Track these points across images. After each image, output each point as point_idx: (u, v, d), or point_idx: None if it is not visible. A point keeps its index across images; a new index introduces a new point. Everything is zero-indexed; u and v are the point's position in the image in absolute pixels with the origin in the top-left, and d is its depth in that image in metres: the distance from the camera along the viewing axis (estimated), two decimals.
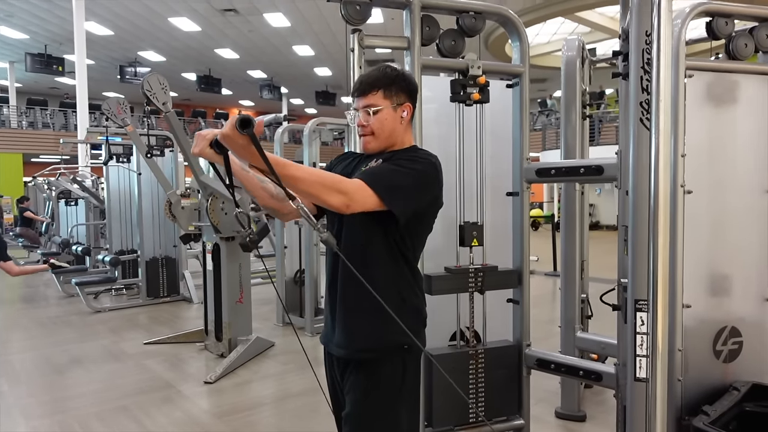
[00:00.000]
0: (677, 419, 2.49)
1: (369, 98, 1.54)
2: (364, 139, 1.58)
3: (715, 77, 2.53)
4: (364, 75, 1.58)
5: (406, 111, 1.58)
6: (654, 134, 1.53)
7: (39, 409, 3.59)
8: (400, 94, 1.56)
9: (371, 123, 1.54)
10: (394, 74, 1.56)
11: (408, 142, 1.63)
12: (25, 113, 19.78)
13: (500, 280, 2.66)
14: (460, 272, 2.56)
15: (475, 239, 2.57)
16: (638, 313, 1.81)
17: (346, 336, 1.54)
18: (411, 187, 1.44)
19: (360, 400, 1.51)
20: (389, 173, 1.45)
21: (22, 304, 7.24)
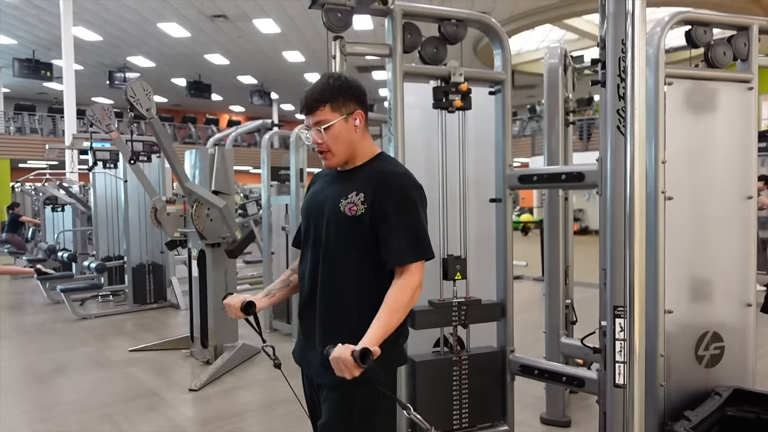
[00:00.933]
0: (660, 425, 2.51)
1: (317, 115, 1.51)
2: (322, 157, 1.56)
3: (694, 85, 2.56)
4: (309, 90, 1.53)
5: (358, 119, 1.54)
6: (629, 141, 1.54)
7: (20, 419, 3.54)
8: (348, 103, 1.53)
9: (326, 140, 1.52)
10: (338, 84, 1.52)
11: (370, 150, 1.60)
12: (13, 118, 19.62)
13: (483, 313, 2.67)
14: (443, 306, 2.56)
15: (459, 273, 2.58)
16: (617, 320, 1.82)
17: (322, 367, 1.50)
18: (425, 228, 1.54)
19: (335, 409, 1.50)
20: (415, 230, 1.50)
21: (6, 311, 7.15)
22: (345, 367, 1.31)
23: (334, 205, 1.51)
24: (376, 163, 1.58)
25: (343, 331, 1.50)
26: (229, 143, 6.51)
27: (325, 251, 1.53)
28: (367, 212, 1.48)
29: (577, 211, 17.90)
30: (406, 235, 1.49)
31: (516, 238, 2.89)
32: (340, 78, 1.54)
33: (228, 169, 4.71)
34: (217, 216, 4.35)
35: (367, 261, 1.51)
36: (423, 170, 2.71)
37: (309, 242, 1.59)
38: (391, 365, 1.55)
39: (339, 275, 1.52)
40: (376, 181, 1.52)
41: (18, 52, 15.79)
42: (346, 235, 1.50)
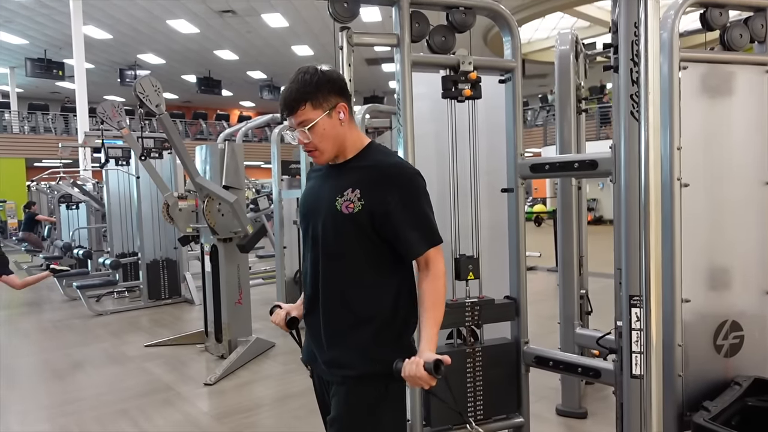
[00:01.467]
0: (678, 415, 2.47)
1: (299, 115, 1.45)
2: (312, 155, 1.53)
3: (710, 68, 2.49)
4: (286, 90, 1.47)
5: (341, 112, 1.49)
6: (644, 127, 1.50)
7: (39, 414, 3.58)
8: (329, 97, 1.46)
9: (312, 139, 1.47)
10: (315, 80, 1.45)
11: (360, 141, 1.55)
12: (27, 118, 19.86)
13: (497, 313, 2.64)
14: (456, 306, 2.54)
15: (471, 273, 2.55)
16: (632, 309, 1.79)
17: (331, 365, 1.52)
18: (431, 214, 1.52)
19: (344, 404, 1.49)
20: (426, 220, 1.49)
21: (25, 308, 7.25)
22: (422, 382, 1.35)
23: (330, 204, 1.48)
24: (368, 154, 1.54)
25: (347, 329, 1.50)
26: (239, 138, 6.52)
27: (324, 250, 1.50)
28: (364, 208, 1.44)
29: (591, 200, 17.74)
30: (417, 225, 1.47)
31: (529, 229, 2.86)
32: (317, 72, 1.47)
33: (238, 164, 4.71)
34: (228, 211, 4.35)
35: (367, 257, 1.48)
36: (433, 161, 2.69)
37: (309, 241, 1.57)
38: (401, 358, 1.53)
39: (339, 273, 1.50)
40: (372, 175, 1.48)
41: (30, 52, 15.93)
42: (344, 232, 1.47)
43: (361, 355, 1.49)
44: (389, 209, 1.44)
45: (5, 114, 19.46)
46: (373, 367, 1.48)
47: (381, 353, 1.48)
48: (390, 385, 1.49)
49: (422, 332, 1.44)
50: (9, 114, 19.49)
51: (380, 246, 1.48)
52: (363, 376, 1.48)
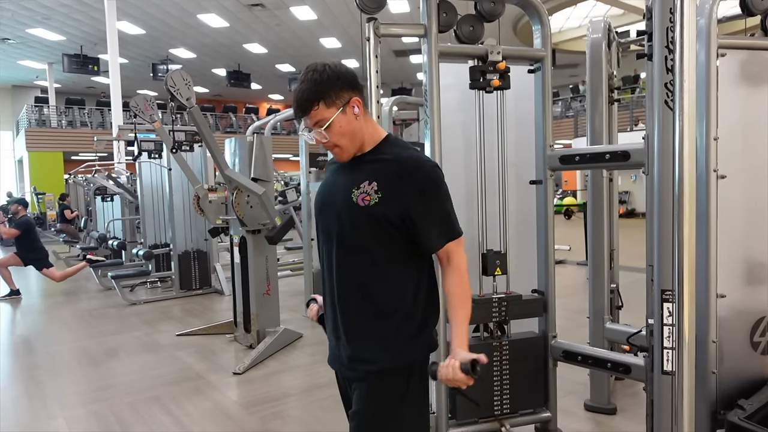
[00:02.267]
0: (712, 413, 2.40)
1: (313, 115, 1.43)
2: (332, 152, 1.52)
3: (750, 55, 2.40)
4: (297, 92, 1.44)
5: (356, 106, 1.46)
6: (678, 116, 1.45)
7: (75, 398, 3.70)
8: (341, 93, 1.43)
9: (330, 138, 1.45)
10: (324, 77, 1.42)
11: (377, 134, 1.53)
12: (65, 113, 20.42)
13: (524, 309, 2.62)
14: (483, 302, 2.52)
15: (498, 268, 2.53)
16: (665, 304, 1.75)
17: (353, 361, 1.52)
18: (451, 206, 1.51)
19: (365, 398, 1.49)
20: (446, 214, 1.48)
21: (63, 297, 7.49)
22: (460, 383, 1.37)
23: (346, 196, 1.46)
24: (385, 147, 1.52)
25: (367, 323, 1.49)
26: (268, 131, 6.57)
27: (339, 244, 1.49)
28: (381, 201, 1.42)
29: (623, 193, 17.36)
30: (436, 218, 1.46)
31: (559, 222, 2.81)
32: (325, 69, 1.43)
33: (267, 156, 4.76)
34: (257, 203, 4.40)
35: (384, 250, 1.47)
36: (461, 153, 2.66)
37: (324, 235, 1.56)
38: (422, 351, 1.52)
39: (357, 266, 1.48)
40: (389, 168, 1.46)
41: (67, 48, 16.36)
42: (361, 225, 1.45)
43: (382, 349, 1.48)
44: (407, 202, 1.42)
45: (44, 109, 20.06)
46: (394, 362, 1.47)
47: (402, 347, 1.47)
48: (412, 379, 1.49)
49: (453, 331, 1.43)
50: (48, 109, 20.08)
51: (397, 238, 1.46)
52: (384, 371, 1.47)
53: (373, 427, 1.49)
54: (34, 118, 19.80)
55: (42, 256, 7.36)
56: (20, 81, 22.03)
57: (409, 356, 1.48)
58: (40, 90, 22.04)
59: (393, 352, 1.47)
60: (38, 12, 13.85)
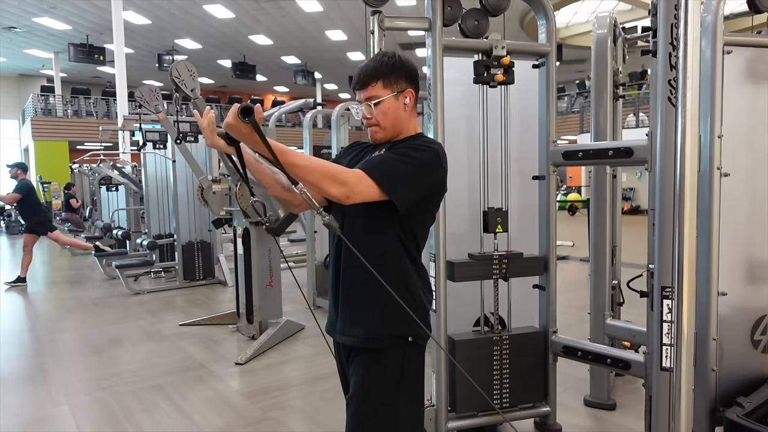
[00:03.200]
0: (711, 410, 2.42)
1: (369, 90, 1.53)
2: (370, 130, 1.58)
3: (756, 53, 2.40)
4: (362, 67, 1.55)
5: (408, 97, 1.55)
6: (681, 113, 1.45)
7: (79, 386, 3.74)
8: (400, 81, 1.53)
9: (375, 115, 1.53)
10: (391, 62, 1.53)
11: (414, 129, 1.60)
12: (70, 102, 20.46)
13: (525, 267, 2.61)
14: (483, 259, 2.52)
15: (500, 225, 2.52)
16: (664, 301, 1.75)
17: (350, 325, 1.55)
18: (412, 176, 1.43)
19: (360, 384, 1.52)
20: (390, 162, 1.43)
21: (68, 286, 7.54)
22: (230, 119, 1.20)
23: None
24: (412, 138, 1.58)
25: (363, 289, 1.51)
26: (273, 123, 6.58)
27: (349, 221, 1.52)
28: None
29: (628, 189, 17.32)
30: (389, 164, 1.42)
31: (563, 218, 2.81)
32: (395, 56, 1.55)
33: None
34: (261, 194, 4.41)
35: (391, 231, 1.49)
36: (464, 147, 2.67)
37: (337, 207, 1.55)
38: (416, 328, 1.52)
39: (360, 240, 1.47)
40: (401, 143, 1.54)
41: (73, 38, 16.37)
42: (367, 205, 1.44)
43: (377, 317, 1.51)
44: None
45: (50, 98, 20.10)
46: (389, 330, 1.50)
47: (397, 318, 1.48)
48: (406, 362, 1.52)
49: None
50: (53, 98, 20.12)
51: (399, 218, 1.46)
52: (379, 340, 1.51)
53: (368, 413, 1.51)
54: (39, 107, 19.86)
55: (46, 219, 7.45)
56: (26, 70, 22.07)
57: (401, 328, 1.50)
58: (46, 79, 22.08)
59: (388, 321, 1.50)
60: (45, 1, 13.85)
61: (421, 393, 1.61)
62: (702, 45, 2.25)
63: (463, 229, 2.67)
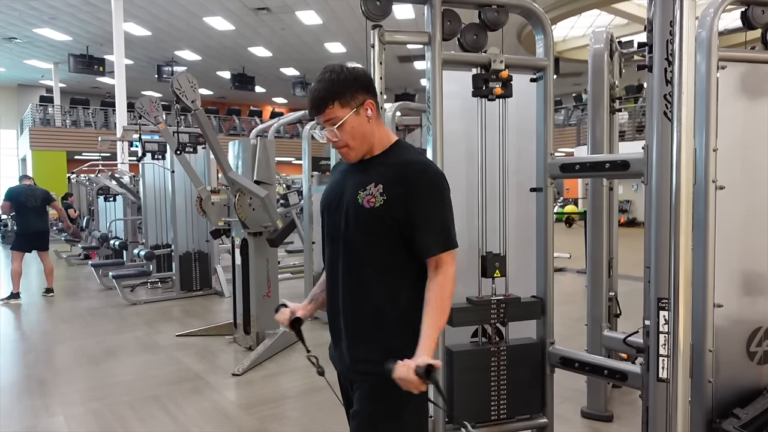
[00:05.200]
0: (707, 422, 2.42)
1: (327, 113, 1.47)
2: (341, 152, 1.54)
3: (750, 68, 2.43)
4: (313, 91, 1.49)
5: (369, 109, 1.50)
6: (676, 127, 1.48)
7: (75, 397, 3.72)
8: (356, 95, 1.48)
9: (341, 137, 1.49)
10: (341, 78, 1.47)
11: (386, 138, 1.57)
12: (69, 112, 20.50)
13: (523, 311, 2.62)
14: (482, 304, 2.53)
15: (498, 270, 2.55)
16: (661, 312, 1.77)
17: (357, 362, 1.54)
18: (451, 216, 1.52)
19: (366, 398, 1.51)
20: (446, 220, 1.50)
21: (64, 296, 7.51)
22: (413, 386, 1.35)
23: (353, 198, 1.49)
24: (394, 151, 1.55)
25: (368, 323, 1.51)
26: (272, 134, 6.61)
27: (344, 245, 1.51)
28: (386, 203, 1.45)
29: (625, 202, 17.38)
30: (435, 226, 1.47)
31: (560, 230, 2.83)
32: (343, 70, 1.48)
33: (270, 159, 4.79)
34: (259, 205, 4.43)
35: (387, 252, 1.49)
36: (462, 159, 2.69)
37: (329, 235, 1.58)
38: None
39: (359, 269, 1.50)
40: (396, 171, 1.48)
41: (73, 48, 16.44)
42: (365, 227, 1.47)
43: (383, 350, 1.49)
44: (409, 205, 1.45)
45: (49, 108, 20.14)
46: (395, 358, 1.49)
47: (402, 348, 1.48)
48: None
49: (422, 335, 1.43)
50: (52, 108, 20.16)
51: (399, 242, 1.48)
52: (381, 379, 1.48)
53: (373, 427, 1.50)
54: (38, 117, 19.89)
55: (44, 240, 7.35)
56: (26, 80, 22.14)
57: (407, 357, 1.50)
58: (45, 89, 22.14)
59: (393, 353, 1.48)
60: (45, 12, 13.94)
61: (426, 405, 1.59)
62: (697, 60, 2.28)
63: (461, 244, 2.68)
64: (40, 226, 7.25)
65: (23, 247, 7.12)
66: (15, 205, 7.03)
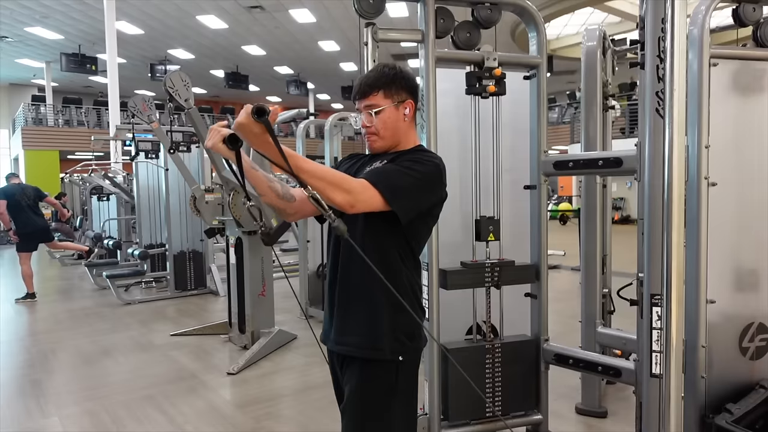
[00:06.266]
0: (700, 417, 2.44)
1: (370, 99, 1.55)
2: (369, 139, 1.59)
3: (741, 66, 2.45)
4: (364, 76, 1.58)
5: (408, 108, 1.58)
6: (668, 124, 1.49)
7: (70, 397, 3.71)
8: (401, 92, 1.56)
9: (374, 123, 1.55)
10: (392, 73, 1.56)
11: (413, 141, 1.62)
12: (61, 111, 20.37)
13: (517, 274, 2.63)
14: (476, 267, 2.54)
15: (492, 234, 2.55)
16: (654, 308, 1.78)
17: (345, 334, 1.55)
18: (415, 188, 1.45)
19: (355, 393, 1.52)
20: (394, 174, 1.44)
21: (57, 296, 7.48)
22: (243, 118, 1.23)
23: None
24: (413, 152, 1.59)
25: (360, 303, 1.52)
26: None
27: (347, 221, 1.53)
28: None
29: (618, 199, 17.46)
30: (393, 175, 1.44)
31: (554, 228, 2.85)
32: (395, 68, 1.58)
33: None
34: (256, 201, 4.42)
35: (389, 243, 1.50)
36: (456, 157, 2.70)
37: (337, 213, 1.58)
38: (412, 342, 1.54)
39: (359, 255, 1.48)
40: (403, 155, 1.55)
41: (65, 47, 16.33)
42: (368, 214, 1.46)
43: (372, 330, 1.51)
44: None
45: (41, 107, 20.00)
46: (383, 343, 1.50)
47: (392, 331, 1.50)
48: (400, 371, 1.52)
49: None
50: (44, 107, 20.03)
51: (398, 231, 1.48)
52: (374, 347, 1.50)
53: (363, 422, 1.51)
54: (30, 117, 19.74)
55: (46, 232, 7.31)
56: (17, 79, 21.97)
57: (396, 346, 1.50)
58: (37, 89, 21.98)
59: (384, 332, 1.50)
60: (37, 11, 13.83)
61: (415, 401, 1.61)
62: (689, 57, 2.30)
63: (456, 239, 2.69)
64: (40, 222, 7.21)
65: (29, 246, 7.08)
66: (10, 206, 6.89)
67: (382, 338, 1.50)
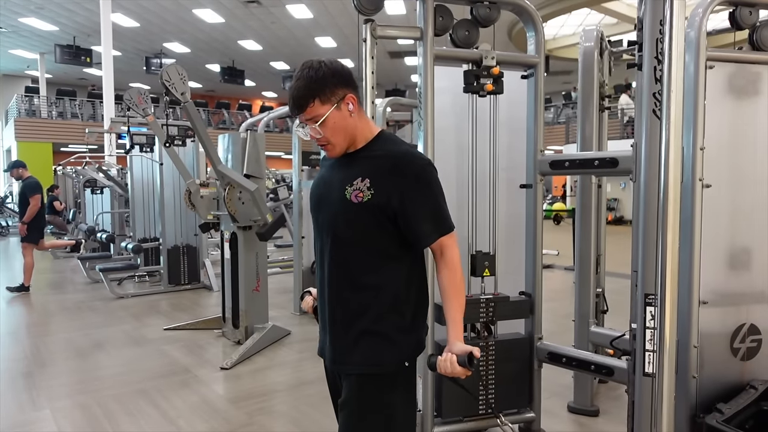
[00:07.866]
0: (691, 416, 2.46)
1: (308, 112, 1.45)
2: (325, 149, 1.54)
3: (737, 68, 2.46)
4: (293, 88, 1.46)
5: (350, 103, 1.48)
6: (665, 125, 1.50)
7: (62, 390, 3.69)
8: (336, 90, 1.45)
9: (324, 134, 1.48)
10: (320, 75, 1.44)
11: (369, 130, 1.55)
12: (55, 103, 20.23)
13: (512, 310, 2.66)
14: (471, 302, 2.55)
15: (487, 269, 2.57)
16: (647, 308, 1.80)
17: (342, 353, 1.54)
18: (444, 205, 1.53)
19: (355, 387, 1.52)
20: (429, 215, 1.48)
21: (50, 290, 7.44)
22: (458, 375, 1.42)
23: (340, 193, 1.48)
24: (378, 143, 1.54)
25: (356, 318, 1.51)
26: (261, 128, 6.58)
27: (334, 239, 1.51)
28: (374, 197, 1.44)
29: (612, 200, 17.53)
30: (429, 215, 1.48)
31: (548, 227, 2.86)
32: (321, 66, 1.45)
33: (260, 153, 4.77)
34: (249, 199, 4.41)
35: (376, 246, 1.49)
36: (453, 155, 2.70)
37: (319, 231, 1.58)
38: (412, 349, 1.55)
39: (348, 263, 1.50)
40: (382, 164, 1.47)
41: (59, 39, 16.23)
42: (354, 222, 1.47)
43: (372, 349, 1.49)
44: (399, 197, 1.44)
45: (34, 99, 19.86)
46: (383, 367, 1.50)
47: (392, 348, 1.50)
48: (400, 373, 1.52)
49: (448, 321, 1.47)
50: (38, 99, 19.88)
51: (390, 234, 1.48)
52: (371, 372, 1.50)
53: (362, 416, 1.51)
54: (23, 108, 19.60)
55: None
56: (11, 70, 21.82)
57: (398, 356, 1.50)
58: (30, 80, 21.82)
59: (383, 353, 1.49)
60: (32, 1, 13.73)
61: (414, 394, 1.60)
62: (686, 60, 2.31)
63: None
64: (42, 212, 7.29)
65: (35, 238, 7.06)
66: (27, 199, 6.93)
67: (381, 351, 1.49)
